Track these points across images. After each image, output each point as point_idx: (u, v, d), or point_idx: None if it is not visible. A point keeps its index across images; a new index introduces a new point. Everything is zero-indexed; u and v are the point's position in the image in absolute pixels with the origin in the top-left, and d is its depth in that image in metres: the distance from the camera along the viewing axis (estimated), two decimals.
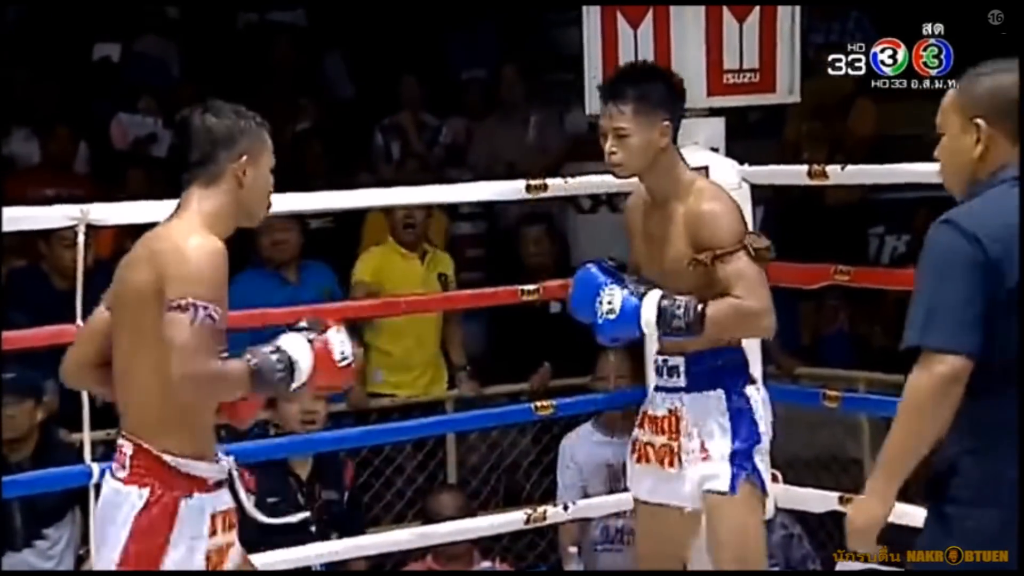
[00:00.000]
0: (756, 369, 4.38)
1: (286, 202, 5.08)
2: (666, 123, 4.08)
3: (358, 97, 9.13)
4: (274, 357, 3.34)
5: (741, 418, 4.07)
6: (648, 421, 4.23)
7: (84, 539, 4.99)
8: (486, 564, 5.53)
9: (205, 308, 3.25)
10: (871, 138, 7.86)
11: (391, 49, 9.11)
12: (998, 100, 3.03)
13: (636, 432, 4.27)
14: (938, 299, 2.93)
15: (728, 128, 4.95)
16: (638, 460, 4.23)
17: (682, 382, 4.12)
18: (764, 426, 4.10)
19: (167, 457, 3.33)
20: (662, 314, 3.94)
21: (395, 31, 9.17)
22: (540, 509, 5.01)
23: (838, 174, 4.75)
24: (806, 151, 7.23)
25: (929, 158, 4.71)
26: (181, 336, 3.23)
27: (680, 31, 4.85)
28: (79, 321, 4.29)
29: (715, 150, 4.88)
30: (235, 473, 3.48)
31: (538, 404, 5.10)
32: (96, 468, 4.36)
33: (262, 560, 4.61)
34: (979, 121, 3.04)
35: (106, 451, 5.54)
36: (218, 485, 3.41)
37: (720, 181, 4.70)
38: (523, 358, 6.42)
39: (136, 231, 3.50)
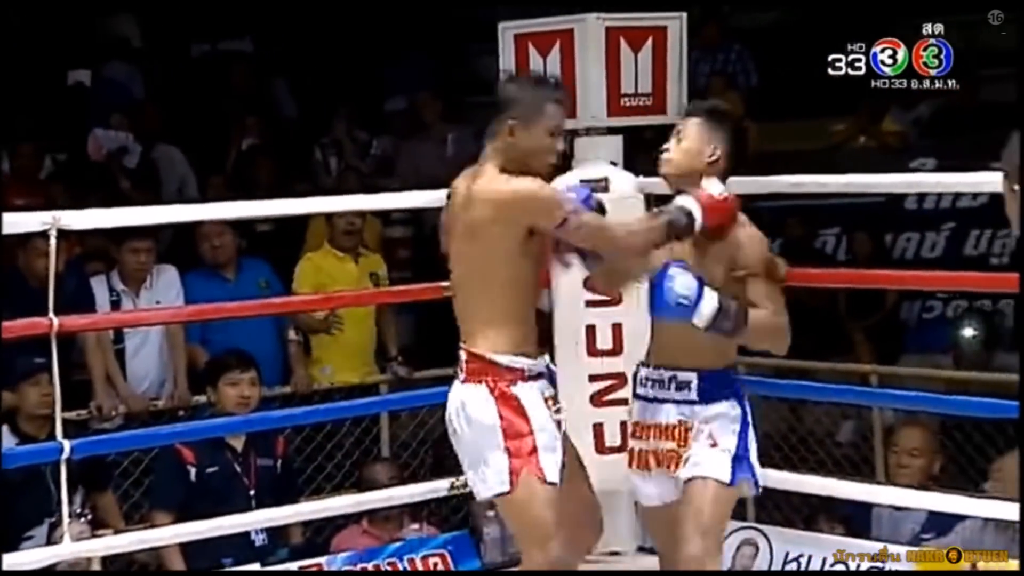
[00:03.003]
0: None
1: (236, 209, 5.13)
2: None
3: (300, 116, 9.12)
4: (677, 209, 3.70)
5: (747, 426, 3.83)
6: (648, 430, 3.87)
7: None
8: (414, 526, 5.56)
9: (572, 207, 3.63)
10: (754, 154, 7.93)
11: (330, 74, 9.12)
12: None
13: (633, 443, 3.92)
14: None
15: (626, 144, 5.03)
16: (639, 468, 3.90)
17: (694, 395, 3.82)
18: (753, 434, 3.86)
19: (491, 355, 3.66)
20: (718, 311, 3.67)
21: (334, 58, 9.18)
22: (462, 478, 5.03)
23: None
24: None
25: (800, 172, 4.85)
26: (589, 238, 3.69)
27: (583, 59, 4.91)
28: (51, 315, 4.26)
29: (614, 164, 4.95)
30: (552, 368, 3.77)
31: None
32: (67, 445, 4.28)
33: (206, 526, 4.60)
34: None
35: (75, 430, 5.51)
36: (536, 377, 3.69)
37: (618, 191, 4.79)
38: (448, 346, 6.43)
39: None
